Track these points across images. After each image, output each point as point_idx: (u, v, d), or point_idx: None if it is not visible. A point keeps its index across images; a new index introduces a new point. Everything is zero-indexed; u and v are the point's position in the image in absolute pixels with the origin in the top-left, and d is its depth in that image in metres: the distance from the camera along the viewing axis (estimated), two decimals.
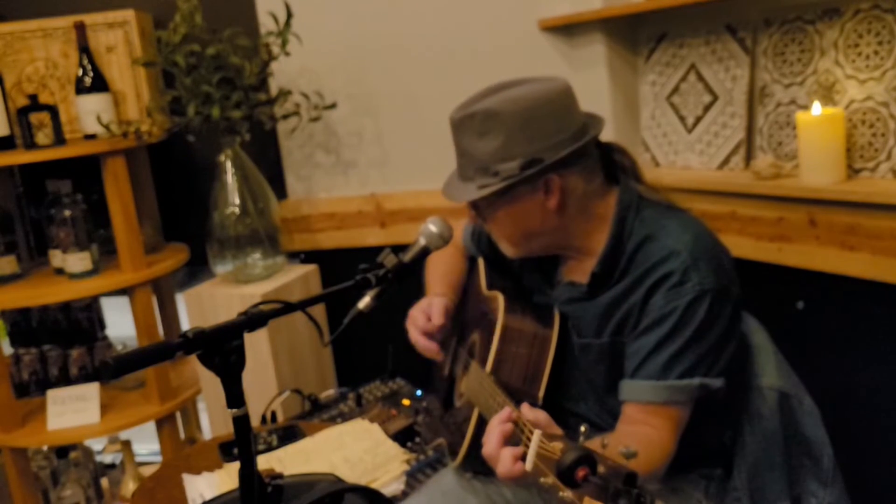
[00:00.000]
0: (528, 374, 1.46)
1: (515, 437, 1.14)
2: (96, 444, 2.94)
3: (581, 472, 0.91)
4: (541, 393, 1.45)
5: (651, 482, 1.39)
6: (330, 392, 2.27)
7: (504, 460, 1.12)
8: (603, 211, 1.43)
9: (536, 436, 1.04)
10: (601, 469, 0.91)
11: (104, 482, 2.76)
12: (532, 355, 1.47)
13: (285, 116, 2.38)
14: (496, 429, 1.15)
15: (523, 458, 1.08)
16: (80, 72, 2.34)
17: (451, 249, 1.78)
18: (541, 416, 1.12)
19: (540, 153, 1.35)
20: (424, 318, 1.59)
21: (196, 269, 2.73)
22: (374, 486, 1.61)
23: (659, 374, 1.33)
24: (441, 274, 1.74)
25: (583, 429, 0.98)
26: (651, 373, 1.34)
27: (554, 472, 0.94)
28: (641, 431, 1.32)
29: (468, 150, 1.39)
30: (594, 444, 0.96)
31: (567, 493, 0.91)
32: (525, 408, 1.14)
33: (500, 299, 1.52)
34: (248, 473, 1.04)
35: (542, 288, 1.58)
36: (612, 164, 1.48)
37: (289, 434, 1.86)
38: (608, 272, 1.42)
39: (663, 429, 1.32)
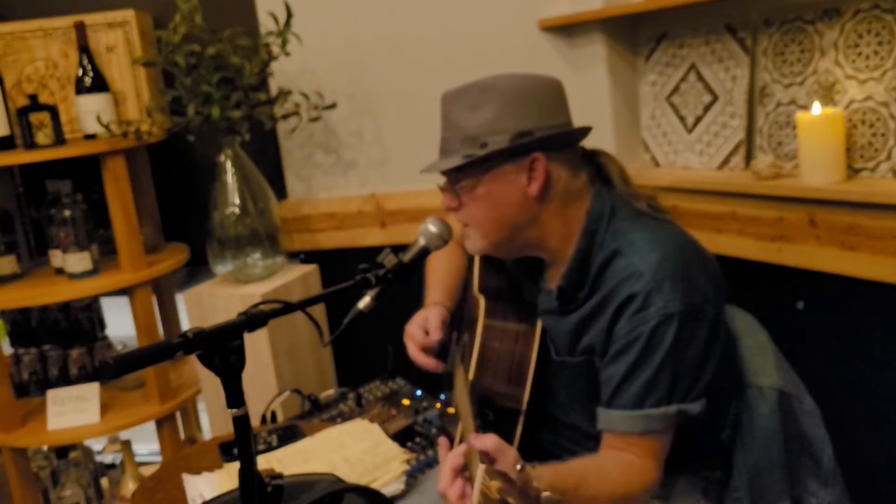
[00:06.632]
0: (511, 373, 1.45)
1: (468, 471, 1.14)
2: (96, 444, 2.94)
3: None
4: (525, 395, 1.43)
5: None
6: (330, 392, 2.27)
7: (453, 500, 1.11)
8: (580, 217, 1.38)
9: (480, 472, 1.03)
10: None
11: (104, 482, 2.76)
12: (515, 352, 1.46)
13: (285, 116, 2.38)
14: (446, 466, 1.14)
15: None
16: (80, 72, 2.34)
17: (451, 246, 1.77)
18: (489, 443, 1.08)
19: (531, 128, 1.33)
20: (422, 332, 1.56)
21: (196, 269, 2.72)
22: (374, 486, 1.61)
23: (633, 403, 1.29)
24: (440, 276, 1.71)
25: (518, 467, 1.05)
26: (625, 402, 1.30)
27: None
28: (623, 457, 1.30)
29: (458, 122, 1.36)
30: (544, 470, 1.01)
31: None
32: (472, 438, 1.10)
33: (482, 301, 1.51)
34: (248, 473, 1.04)
35: (531, 290, 1.56)
36: (599, 172, 1.44)
37: (289, 434, 1.85)
38: (575, 286, 1.38)
39: (644, 456, 1.30)
